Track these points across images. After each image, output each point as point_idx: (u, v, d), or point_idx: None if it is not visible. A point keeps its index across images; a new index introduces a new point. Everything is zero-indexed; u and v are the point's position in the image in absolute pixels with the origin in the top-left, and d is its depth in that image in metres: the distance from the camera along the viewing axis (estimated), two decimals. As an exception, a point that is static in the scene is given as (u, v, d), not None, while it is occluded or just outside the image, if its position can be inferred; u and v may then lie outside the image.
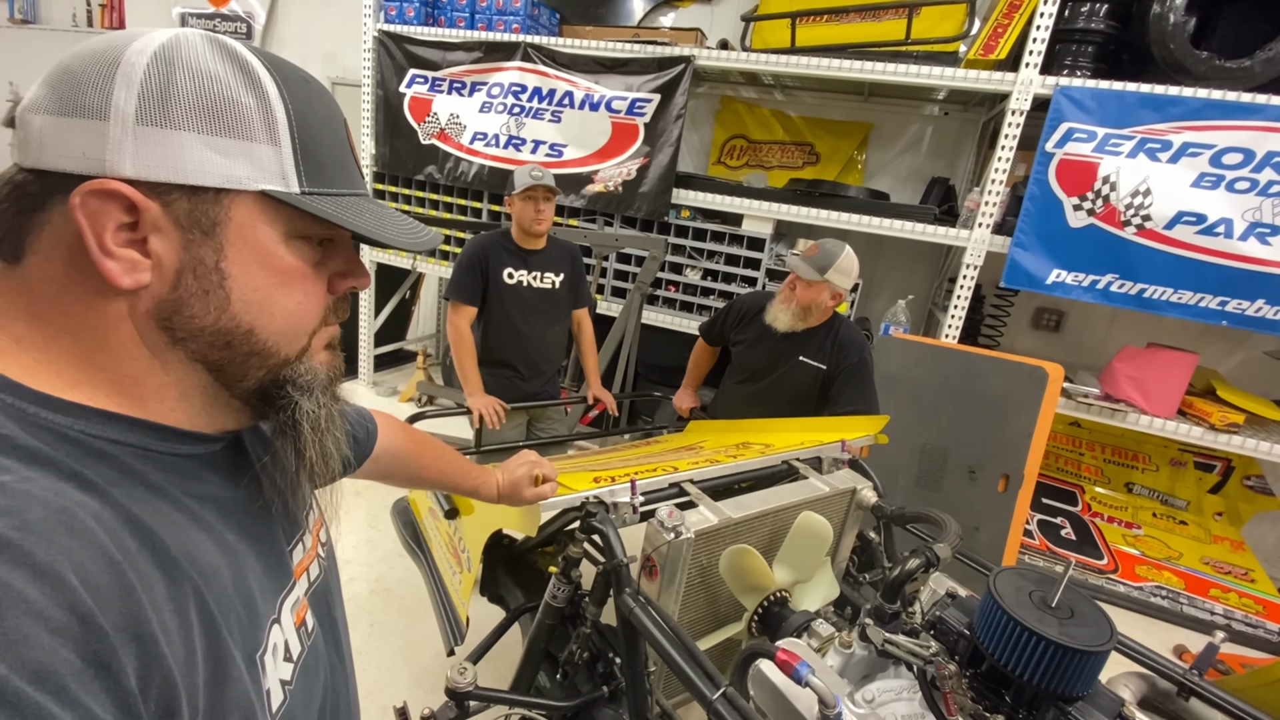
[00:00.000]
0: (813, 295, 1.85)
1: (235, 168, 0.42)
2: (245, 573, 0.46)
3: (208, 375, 0.46)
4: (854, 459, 1.55)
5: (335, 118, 0.49)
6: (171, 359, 0.44)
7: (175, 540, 0.40)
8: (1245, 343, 3.23)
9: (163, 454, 0.44)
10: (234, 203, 0.43)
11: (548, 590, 1.12)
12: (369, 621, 2.23)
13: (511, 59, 3.36)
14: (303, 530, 0.59)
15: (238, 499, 0.50)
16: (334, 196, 0.48)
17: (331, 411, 0.52)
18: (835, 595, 1.36)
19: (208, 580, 0.41)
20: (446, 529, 1.57)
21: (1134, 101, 2.51)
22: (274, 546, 0.53)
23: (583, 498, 1.15)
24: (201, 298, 0.43)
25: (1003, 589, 0.85)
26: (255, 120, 0.43)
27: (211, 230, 0.43)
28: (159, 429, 0.44)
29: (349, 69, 4.71)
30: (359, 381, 4.36)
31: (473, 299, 2.07)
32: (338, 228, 0.47)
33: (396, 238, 0.50)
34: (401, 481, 0.98)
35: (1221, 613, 2.86)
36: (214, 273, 0.43)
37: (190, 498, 0.44)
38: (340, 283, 0.52)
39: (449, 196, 3.69)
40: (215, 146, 0.42)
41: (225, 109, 0.42)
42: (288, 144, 0.45)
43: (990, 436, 2.87)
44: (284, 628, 0.50)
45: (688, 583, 1.20)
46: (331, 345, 0.53)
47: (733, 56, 3.06)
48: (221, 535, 0.46)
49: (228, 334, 0.45)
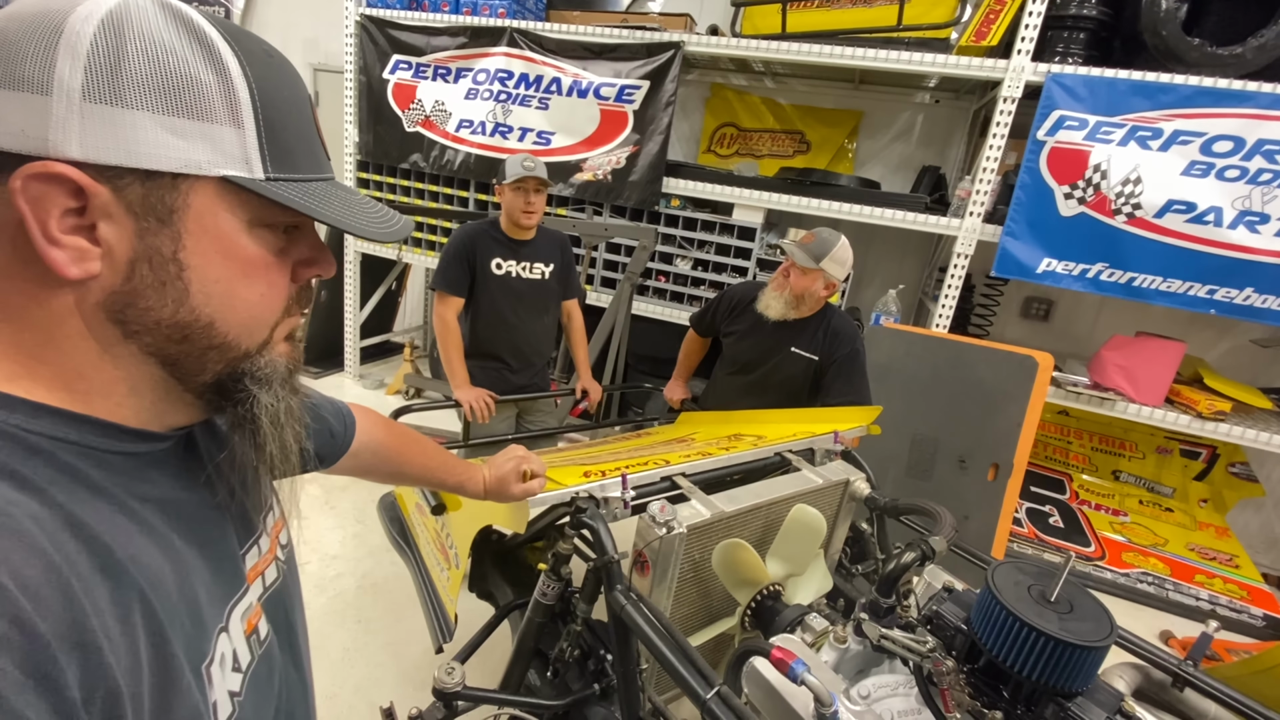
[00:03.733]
0: (806, 283, 1.83)
1: (194, 151, 0.40)
2: (191, 579, 0.44)
3: (161, 370, 0.43)
4: (846, 450, 1.53)
5: (301, 96, 0.46)
6: (123, 353, 0.42)
7: (119, 544, 0.38)
8: (1231, 331, 3.25)
9: (105, 452, 0.41)
10: (193, 189, 0.40)
11: (537, 587, 1.10)
12: (357, 618, 2.20)
13: (497, 44, 3.30)
14: (259, 532, 0.56)
15: (187, 500, 0.48)
16: (301, 182, 0.45)
17: (291, 404, 0.50)
18: (828, 588, 1.35)
19: (153, 586, 0.39)
20: (434, 525, 1.54)
21: (1125, 89, 2.50)
22: (225, 550, 0.50)
23: (572, 493, 1.12)
24: (158, 289, 0.41)
25: (1001, 583, 0.84)
26: (215, 99, 0.40)
27: (168, 218, 0.40)
28: (102, 425, 0.42)
29: (331, 55, 4.61)
30: (345, 374, 4.29)
31: (460, 290, 2.03)
32: (304, 215, 0.44)
33: (366, 227, 0.47)
34: (382, 478, 0.95)
35: (1207, 598, 2.89)
36: (171, 263, 0.41)
37: (134, 499, 0.42)
38: (304, 271, 0.49)
39: (435, 185, 3.63)
40: (172, 128, 0.39)
41: (183, 86, 0.39)
42: (251, 126, 0.42)
43: (980, 426, 2.87)
44: (232, 636, 0.48)
45: (680, 578, 1.18)
46: (292, 336, 0.50)
47: (723, 42, 3.01)
48: (166, 539, 0.43)
49: (186, 327, 0.42)
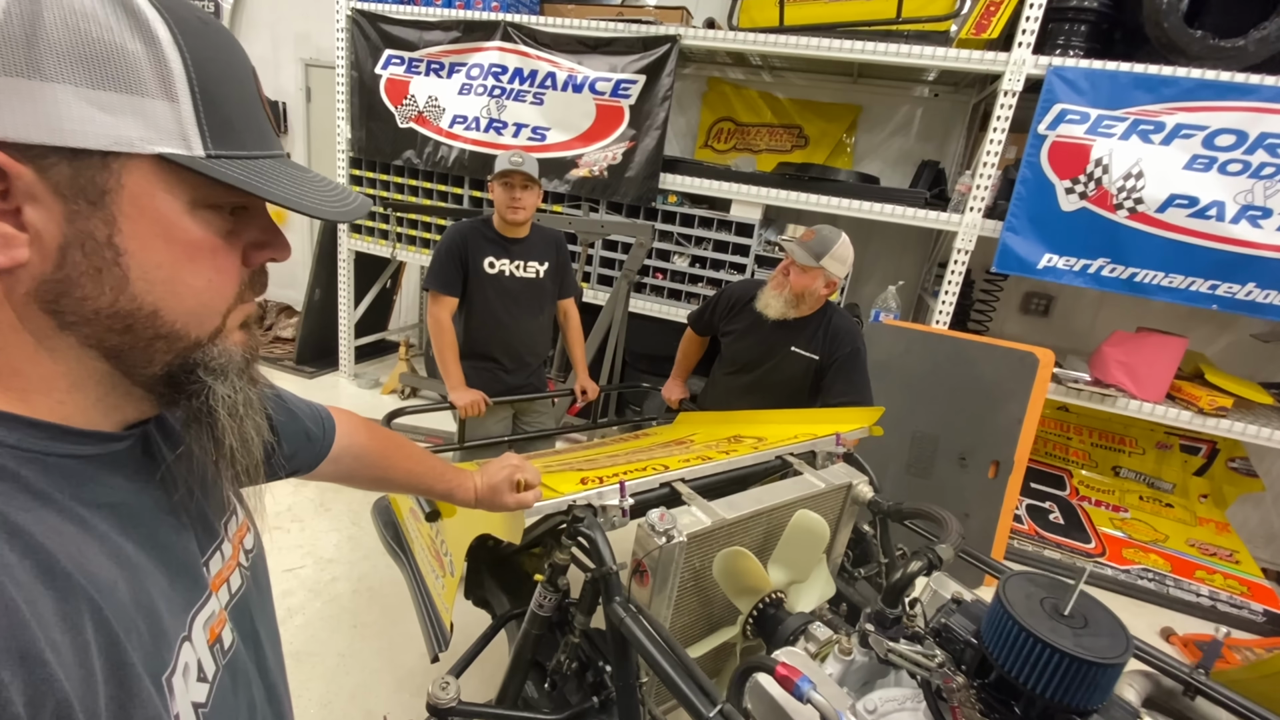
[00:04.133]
0: (806, 282, 1.80)
1: (124, 127, 0.37)
2: (147, 586, 0.42)
3: (105, 363, 0.41)
4: (849, 453, 1.51)
5: (242, 66, 0.43)
6: (60, 345, 0.39)
7: (64, 552, 0.36)
8: (1231, 326, 3.23)
9: (49, 455, 0.39)
10: (126, 168, 0.38)
11: (534, 599, 1.07)
12: (352, 623, 2.17)
13: (491, 38, 3.25)
14: (220, 539, 0.54)
15: (142, 505, 0.45)
16: (245, 159, 0.42)
17: (249, 395, 0.47)
18: (831, 594, 1.32)
19: (105, 595, 0.37)
20: (428, 531, 1.51)
21: (1127, 82, 2.47)
22: (184, 557, 0.48)
23: (568, 501, 1.09)
24: (93, 277, 0.38)
25: (1012, 596, 0.81)
26: (145, 70, 0.37)
27: (100, 200, 0.37)
28: (44, 427, 0.39)
29: (322, 50, 4.55)
30: (339, 374, 4.25)
31: (453, 289, 1.99)
32: (251, 195, 0.41)
33: (318, 206, 0.44)
34: (366, 484, 0.91)
35: (1207, 594, 2.88)
36: (106, 248, 0.38)
37: (82, 505, 0.39)
38: (256, 254, 0.46)
39: (429, 182, 3.58)
40: (98, 102, 0.36)
41: (107, 57, 0.36)
42: (186, 99, 0.39)
43: (981, 423, 2.85)
44: (196, 646, 0.46)
45: (680, 586, 1.15)
46: (248, 324, 0.48)
47: (720, 36, 2.97)
48: (118, 546, 0.41)
49: (128, 317, 0.39)
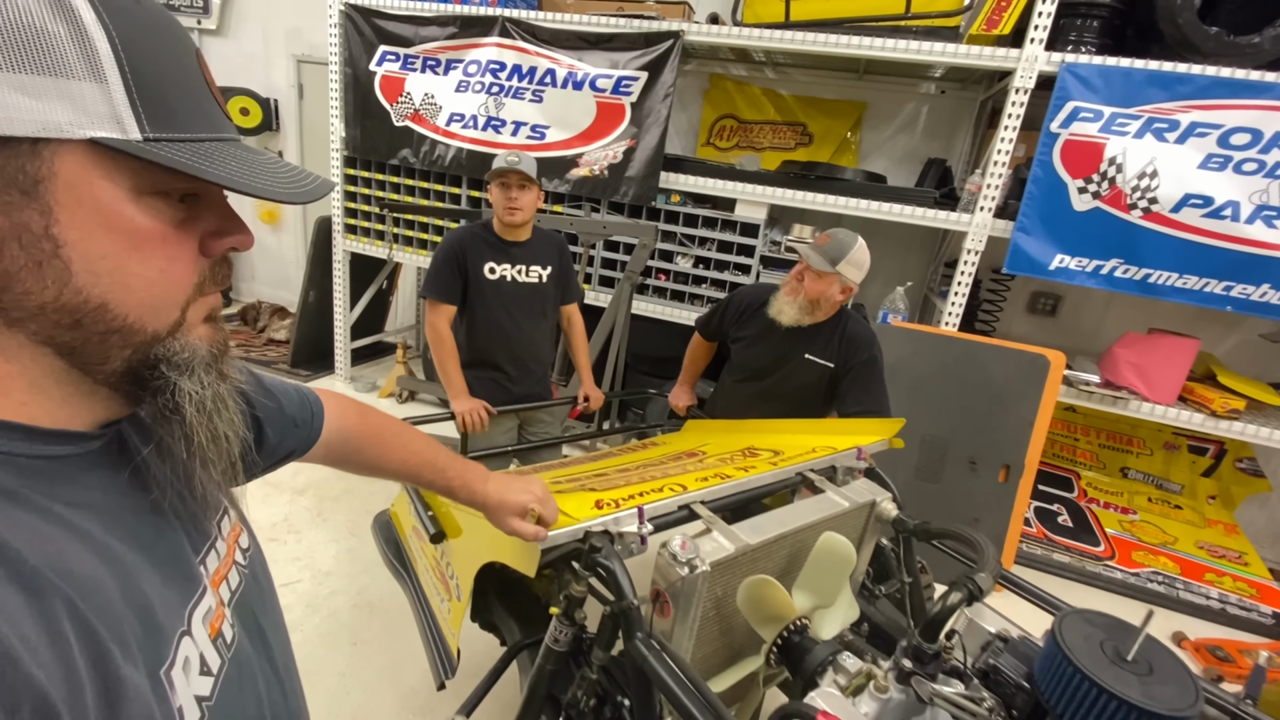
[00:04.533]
0: (822, 288, 1.74)
1: (51, 112, 0.35)
2: (138, 583, 0.42)
3: (60, 360, 0.40)
4: (871, 468, 1.45)
5: (181, 47, 0.42)
6: (9, 344, 0.38)
7: (35, 551, 0.35)
8: (1239, 326, 3.20)
9: (19, 457, 0.38)
10: (58, 155, 0.36)
11: (549, 633, 1.01)
12: (352, 640, 2.10)
13: (489, 34, 3.17)
14: (213, 538, 0.54)
15: (124, 504, 0.45)
16: (189, 142, 0.40)
17: (219, 391, 0.46)
18: (855, 617, 1.27)
19: (85, 593, 0.37)
20: (433, 552, 1.45)
21: (1141, 79, 2.41)
22: (174, 552, 0.48)
23: (584, 529, 1.03)
24: (33, 270, 0.37)
25: (1070, 638, 0.76)
26: (68, 51, 0.35)
27: (33, 189, 0.36)
28: (12, 429, 0.38)
29: (315, 46, 4.46)
30: (335, 377, 4.18)
31: (451, 297, 1.92)
32: (198, 180, 0.40)
33: (270, 187, 0.42)
34: (359, 469, 0.87)
35: (1217, 597, 2.85)
36: (44, 240, 0.36)
37: (60, 504, 0.39)
38: (215, 243, 0.45)
39: (425, 182, 3.50)
40: (19, 86, 0.34)
41: (24, 38, 0.34)
42: (116, 80, 0.37)
43: (991, 426, 2.81)
44: (196, 640, 0.46)
45: (702, 616, 1.09)
46: (213, 317, 0.46)
47: (725, 32, 2.90)
48: (103, 544, 0.40)
49: (75, 311, 0.38)
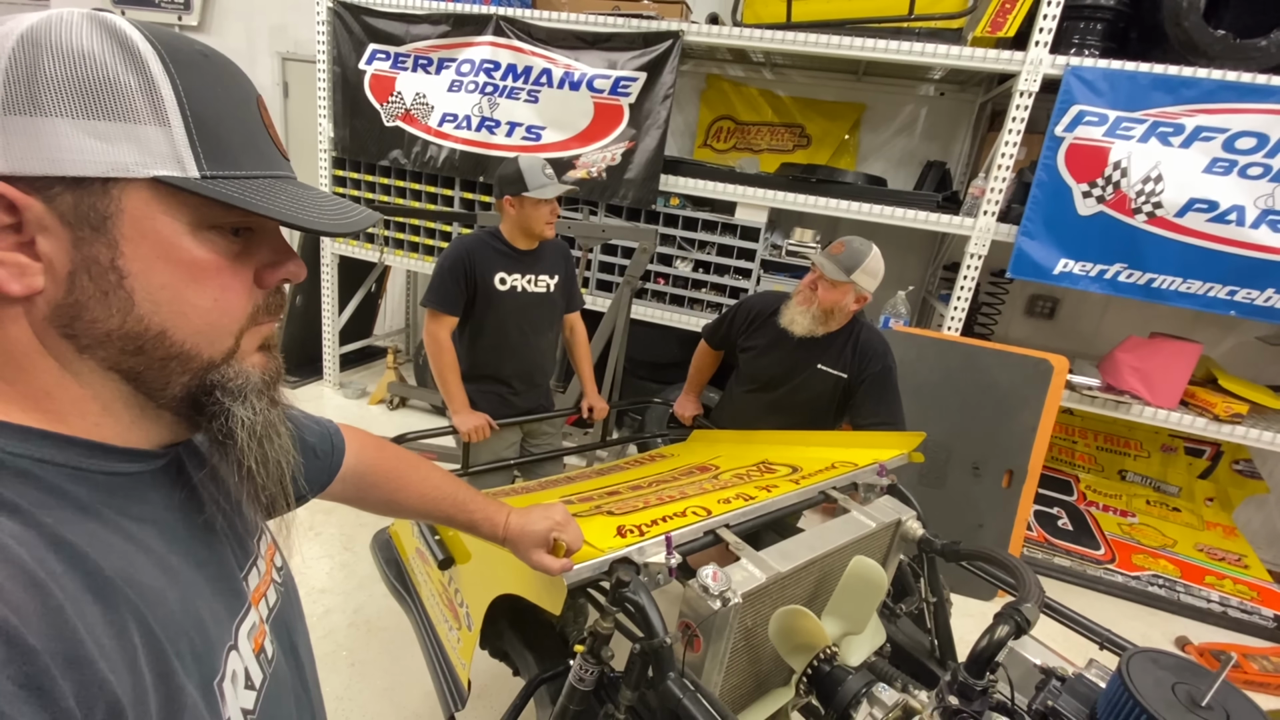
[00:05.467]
0: (836, 297, 1.69)
1: (119, 154, 0.39)
2: (194, 597, 0.44)
3: (126, 385, 0.43)
4: (893, 484, 1.41)
5: (241, 92, 0.45)
6: (83, 369, 0.41)
7: (110, 563, 0.38)
8: (1237, 328, 3.21)
9: (94, 473, 0.41)
10: (125, 193, 0.39)
11: (573, 671, 0.96)
12: (349, 660, 2.03)
13: (482, 33, 3.09)
14: (254, 556, 0.56)
15: (181, 521, 0.47)
16: (243, 179, 0.43)
17: (270, 418, 0.48)
18: (882, 642, 1.23)
19: (151, 605, 0.39)
20: (440, 577, 1.38)
21: (1147, 83, 2.40)
22: (224, 571, 0.50)
23: (609, 561, 0.98)
24: (100, 300, 0.40)
25: (1140, 681, 0.71)
26: (136, 99, 0.39)
27: (102, 225, 0.39)
28: (90, 446, 0.41)
29: (301, 43, 4.34)
30: (324, 383, 4.07)
31: (455, 309, 1.84)
32: (251, 214, 0.42)
33: (318, 220, 0.45)
34: (377, 507, 0.85)
35: (1218, 600, 2.86)
36: (110, 271, 0.40)
37: (128, 519, 0.42)
38: (269, 275, 0.47)
39: (417, 183, 3.42)
40: (94, 132, 0.38)
41: (101, 90, 0.38)
42: (179, 123, 0.40)
43: (994, 431, 2.79)
44: (242, 654, 0.48)
45: (731, 648, 1.04)
46: (267, 345, 0.49)
47: (725, 32, 2.85)
48: (164, 558, 0.43)
49: (137, 338, 0.41)
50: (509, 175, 1.79)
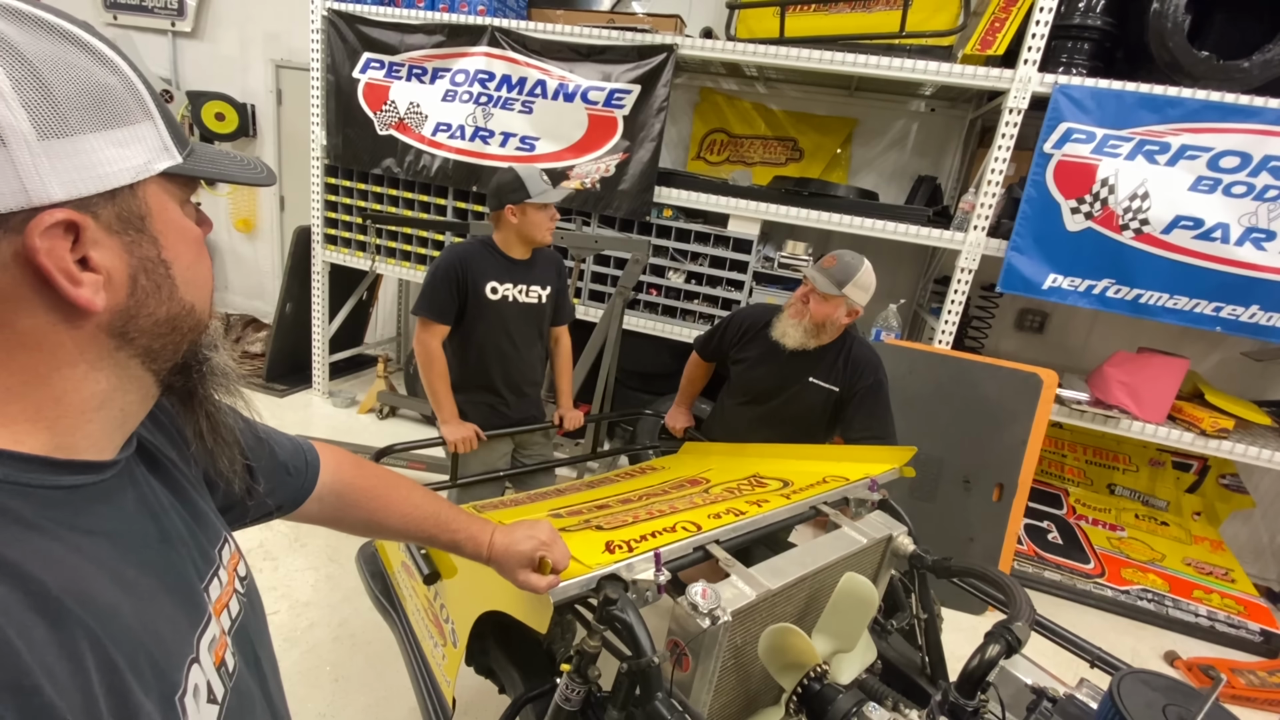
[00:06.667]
0: (828, 311, 1.70)
1: (135, 156, 0.40)
2: (151, 609, 0.43)
3: (140, 365, 0.44)
4: (884, 500, 1.41)
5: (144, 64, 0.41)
6: (110, 365, 0.42)
7: (57, 579, 0.36)
8: (1222, 344, 3.24)
9: (38, 487, 0.40)
10: (147, 191, 0.42)
11: (559, 691, 0.94)
12: (333, 675, 1.99)
13: (477, 44, 3.10)
14: (216, 565, 0.54)
15: (135, 532, 0.46)
16: (195, 154, 0.45)
17: (225, 361, 0.51)
18: (872, 659, 1.22)
19: (104, 620, 0.38)
20: (425, 592, 1.36)
21: (1133, 102, 2.43)
22: (183, 581, 0.49)
23: (597, 578, 0.96)
24: (155, 293, 0.42)
25: (1131, 703, 0.71)
26: (128, 100, 0.40)
27: (143, 225, 0.42)
28: (30, 460, 0.40)
29: (295, 51, 4.34)
30: (313, 392, 4.04)
31: (447, 318, 1.83)
32: (219, 181, 0.46)
33: (255, 177, 0.49)
34: (356, 528, 0.82)
35: (1205, 615, 2.87)
36: (160, 265, 0.43)
37: (77, 532, 0.40)
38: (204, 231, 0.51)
39: (410, 192, 3.41)
40: (114, 140, 0.39)
41: (103, 97, 0.39)
42: (157, 114, 0.42)
43: (984, 445, 2.79)
44: (204, 668, 0.47)
45: (720, 666, 1.03)
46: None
47: (719, 47, 2.87)
48: (118, 570, 0.42)
49: (175, 319, 0.44)
50: (509, 183, 1.78)
